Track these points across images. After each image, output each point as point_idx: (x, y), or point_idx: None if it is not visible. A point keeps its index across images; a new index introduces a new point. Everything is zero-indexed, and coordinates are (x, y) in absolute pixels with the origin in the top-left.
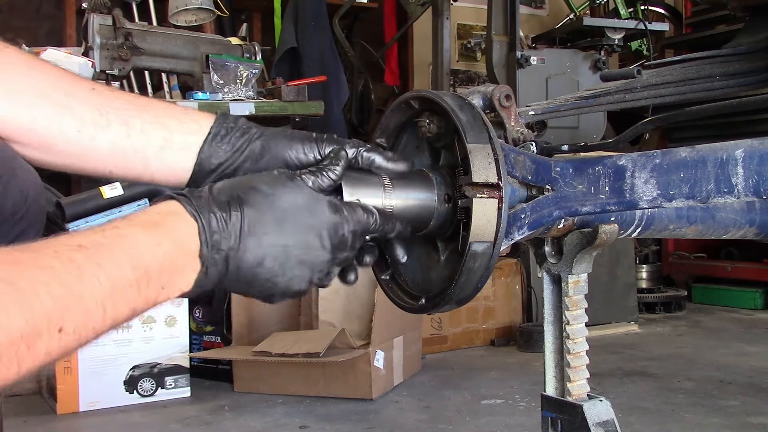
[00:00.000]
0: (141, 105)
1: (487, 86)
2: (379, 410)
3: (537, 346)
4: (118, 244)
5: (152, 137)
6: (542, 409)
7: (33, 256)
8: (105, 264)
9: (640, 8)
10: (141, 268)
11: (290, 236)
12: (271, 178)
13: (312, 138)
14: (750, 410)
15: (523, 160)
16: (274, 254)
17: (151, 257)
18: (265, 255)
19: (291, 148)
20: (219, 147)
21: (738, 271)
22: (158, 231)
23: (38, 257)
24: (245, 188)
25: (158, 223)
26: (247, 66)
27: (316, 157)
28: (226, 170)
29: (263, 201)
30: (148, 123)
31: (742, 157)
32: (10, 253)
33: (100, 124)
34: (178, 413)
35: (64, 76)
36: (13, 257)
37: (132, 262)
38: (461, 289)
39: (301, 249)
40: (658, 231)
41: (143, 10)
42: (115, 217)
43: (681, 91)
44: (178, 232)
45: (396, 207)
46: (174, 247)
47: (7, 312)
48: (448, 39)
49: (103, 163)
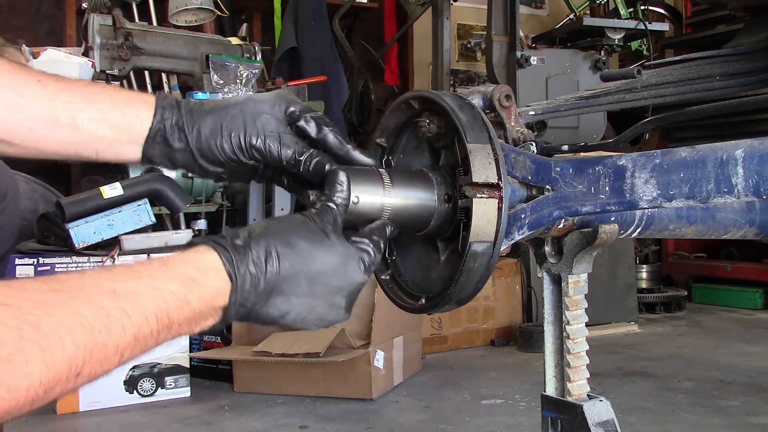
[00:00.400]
0: (87, 97)
1: (487, 86)
2: (379, 410)
3: (537, 346)
4: (151, 296)
5: (99, 134)
6: (542, 409)
7: (64, 299)
8: (133, 315)
9: (640, 8)
10: (166, 321)
11: (318, 298)
12: (308, 232)
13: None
14: (750, 410)
15: (523, 160)
16: (299, 311)
17: (179, 312)
18: (289, 311)
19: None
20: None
21: (738, 271)
22: (192, 289)
23: (69, 301)
24: (284, 242)
25: (195, 280)
26: (247, 66)
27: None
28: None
29: (299, 261)
30: (94, 121)
31: (742, 157)
32: (42, 292)
33: (50, 122)
34: (178, 413)
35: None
36: (44, 299)
37: (159, 316)
38: (461, 289)
39: (327, 308)
40: (658, 231)
41: (143, 10)
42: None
43: (681, 91)
44: (212, 290)
45: (395, 206)
46: (203, 303)
47: (29, 359)
48: (448, 39)
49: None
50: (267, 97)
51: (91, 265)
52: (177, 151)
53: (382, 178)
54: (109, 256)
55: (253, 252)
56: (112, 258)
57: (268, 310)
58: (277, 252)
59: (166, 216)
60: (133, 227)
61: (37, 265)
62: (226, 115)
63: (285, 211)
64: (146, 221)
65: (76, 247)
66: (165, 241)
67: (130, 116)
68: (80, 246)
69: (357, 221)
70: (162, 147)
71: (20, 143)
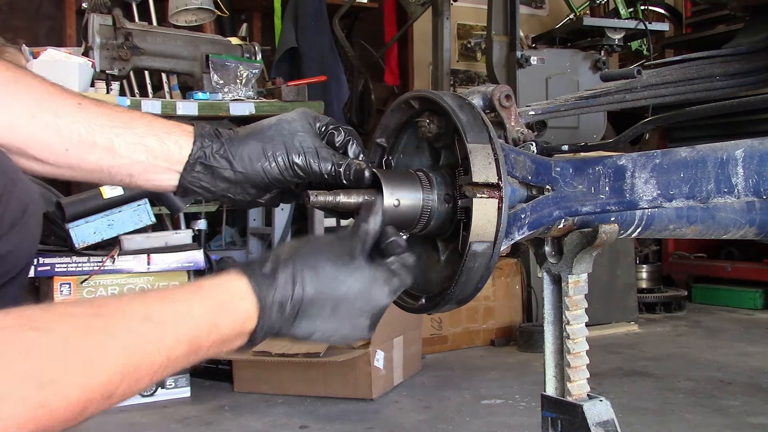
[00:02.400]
0: (125, 122)
1: (487, 86)
2: (379, 410)
3: (537, 346)
4: (184, 324)
5: (135, 158)
6: (542, 409)
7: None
8: (166, 339)
9: (640, 8)
10: (196, 344)
11: (343, 320)
12: (334, 255)
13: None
14: (750, 410)
15: (523, 160)
16: (323, 331)
17: (208, 336)
18: (314, 332)
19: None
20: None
21: (738, 271)
22: (223, 315)
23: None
24: (309, 266)
25: (224, 306)
26: (247, 66)
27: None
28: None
29: (325, 285)
30: (131, 144)
31: (742, 157)
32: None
33: (86, 145)
34: (178, 413)
35: (50, 93)
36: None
37: (190, 340)
38: (461, 289)
39: (350, 328)
40: (658, 231)
41: (143, 10)
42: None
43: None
44: (241, 315)
45: (432, 204)
46: (232, 328)
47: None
48: (448, 39)
49: (90, 176)
50: (296, 116)
51: (91, 266)
52: (221, 179)
53: (420, 180)
54: (109, 256)
55: (280, 278)
56: (112, 258)
57: (293, 331)
58: (302, 277)
59: (166, 216)
60: (133, 227)
61: (37, 265)
62: (264, 137)
63: (284, 211)
64: (146, 221)
65: (76, 246)
66: (165, 241)
67: (168, 143)
68: (80, 246)
69: (398, 223)
70: (202, 174)
71: (54, 163)
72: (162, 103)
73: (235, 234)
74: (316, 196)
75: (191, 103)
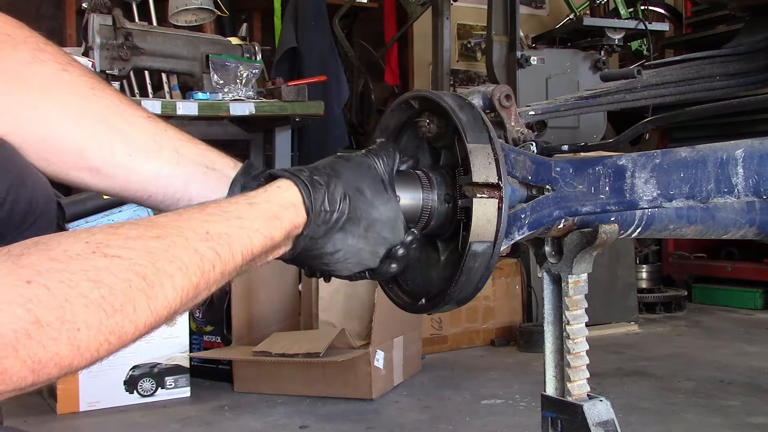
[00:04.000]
0: (190, 138)
1: (487, 86)
2: (379, 410)
3: (537, 346)
4: (239, 236)
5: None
6: (542, 409)
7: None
8: (223, 255)
9: (640, 8)
10: (249, 256)
11: (369, 243)
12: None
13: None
14: (750, 410)
15: (523, 160)
16: (348, 251)
17: (262, 247)
18: (340, 249)
19: None
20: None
21: (738, 271)
22: (275, 225)
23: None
24: (354, 186)
25: (277, 217)
26: (247, 66)
27: None
28: None
29: (363, 207)
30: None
31: (742, 157)
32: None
33: (152, 150)
34: (178, 413)
35: (122, 102)
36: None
37: (244, 253)
38: (461, 289)
39: (370, 255)
40: (658, 231)
41: (143, 10)
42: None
43: (681, 91)
44: (291, 224)
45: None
46: (282, 237)
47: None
48: (448, 39)
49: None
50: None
51: None
52: None
53: (420, 179)
54: None
55: (329, 190)
56: None
57: (326, 244)
58: (348, 195)
59: None
60: None
61: None
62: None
63: None
64: None
65: None
66: None
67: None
68: None
69: None
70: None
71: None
72: (162, 103)
73: None
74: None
75: (191, 103)
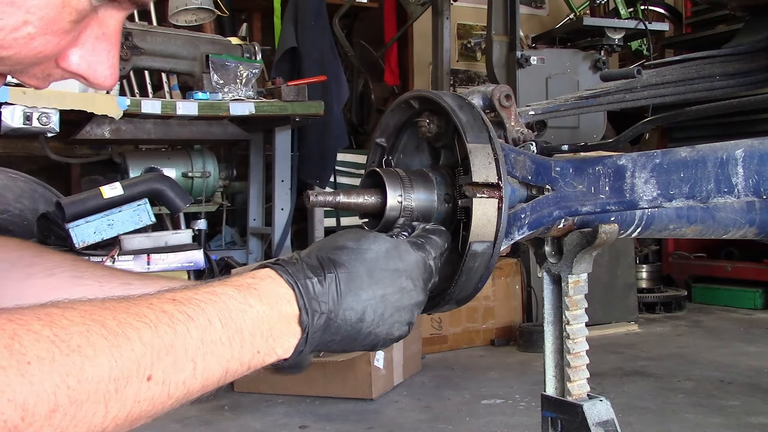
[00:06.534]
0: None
1: (487, 86)
2: (379, 410)
3: (537, 346)
4: (211, 301)
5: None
6: (542, 409)
7: (125, 305)
8: (196, 317)
9: (640, 8)
10: (232, 327)
11: (385, 285)
12: (352, 234)
13: None
14: (750, 410)
15: (523, 160)
16: (374, 306)
17: (243, 317)
18: (365, 309)
19: None
20: None
21: (738, 271)
22: (251, 293)
23: (131, 305)
24: (332, 248)
25: (251, 286)
26: (247, 66)
27: None
28: None
29: (352, 257)
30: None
31: (742, 157)
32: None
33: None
34: (178, 413)
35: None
36: (105, 304)
37: (223, 320)
38: (461, 289)
39: (398, 294)
40: (658, 231)
41: (143, 10)
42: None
43: (681, 91)
44: (274, 296)
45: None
46: (269, 310)
47: (97, 352)
48: (448, 39)
49: None
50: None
51: None
52: None
53: (401, 176)
54: (109, 256)
55: (305, 262)
56: (112, 258)
57: (345, 314)
58: (329, 257)
59: (166, 216)
60: (133, 227)
61: None
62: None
63: (285, 211)
64: (146, 221)
65: (76, 246)
66: (165, 241)
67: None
68: (80, 246)
69: None
70: None
71: None
72: (162, 103)
73: (235, 234)
74: (316, 196)
75: (191, 103)
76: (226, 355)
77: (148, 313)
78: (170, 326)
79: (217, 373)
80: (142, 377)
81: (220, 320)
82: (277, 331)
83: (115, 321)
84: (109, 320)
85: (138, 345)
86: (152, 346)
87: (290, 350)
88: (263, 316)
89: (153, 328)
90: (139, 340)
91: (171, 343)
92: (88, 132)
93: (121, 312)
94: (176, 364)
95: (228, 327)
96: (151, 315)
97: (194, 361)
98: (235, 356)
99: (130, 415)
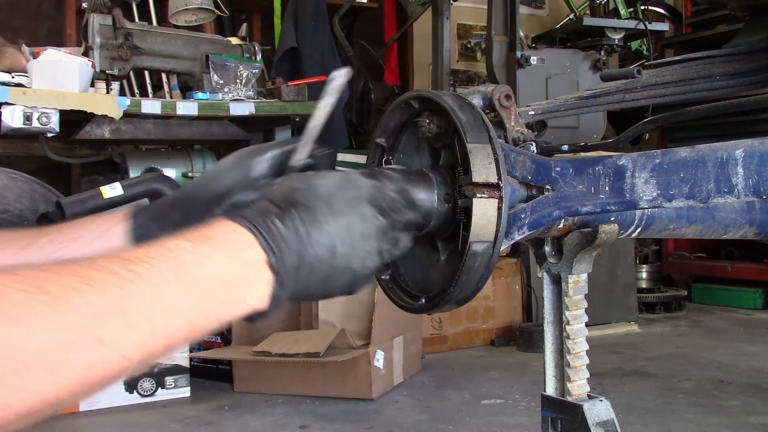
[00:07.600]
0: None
1: (487, 86)
2: (379, 410)
3: (537, 346)
4: (162, 257)
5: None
6: (542, 409)
7: (72, 268)
8: (147, 275)
9: (640, 8)
10: (189, 281)
11: (346, 213)
12: (300, 177)
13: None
14: (750, 410)
15: (523, 160)
16: (341, 237)
17: (201, 269)
18: (333, 241)
19: None
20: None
21: (738, 271)
22: (208, 243)
23: (75, 267)
24: (284, 193)
25: (207, 236)
26: (247, 66)
27: None
28: None
29: (307, 195)
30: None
31: (742, 157)
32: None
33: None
34: (178, 413)
35: None
36: (49, 268)
37: (178, 275)
38: (461, 289)
39: (361, 222)
40: (658, 231)
41: (143, 10)
42: None
43: (681, 91)
44: (234, 243)
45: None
46: (230, 258)
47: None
48: (448, 39)
49: None
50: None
51: None
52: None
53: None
54: None
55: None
56: None
57: (316, 250)
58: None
59: None
60: None
61: None
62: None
63: None
64: None
65: None
66: None
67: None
68: None
69: None
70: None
71: None
72: (162, 103)
73: None
74: None
75: (191, 103)
76: (187, 310)
77: (94, 275)
78: (118, 286)
79: (181, 330)
80: (90, 341)
81: (175, 275)
82: (244, 278)
83: (57, 285)
84: (51, 285)
85: (84, 308)
86: (98, 309)
87: (264, 298)
88: (223, 265)
89: (99, 290)
90: (84, 303)
91: (119, 304)
92: (88, 132)
93: (66, 276)
94: (128, 324)
95: (183, 281)
96: (97, 276)
97: (150, 320)
98: (198, 311)
99: (85, 380)
